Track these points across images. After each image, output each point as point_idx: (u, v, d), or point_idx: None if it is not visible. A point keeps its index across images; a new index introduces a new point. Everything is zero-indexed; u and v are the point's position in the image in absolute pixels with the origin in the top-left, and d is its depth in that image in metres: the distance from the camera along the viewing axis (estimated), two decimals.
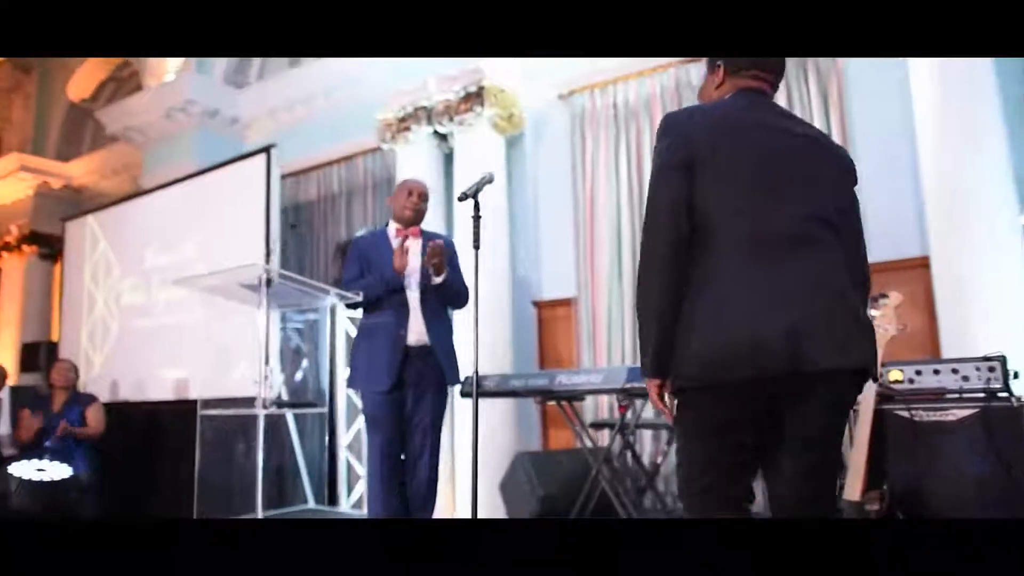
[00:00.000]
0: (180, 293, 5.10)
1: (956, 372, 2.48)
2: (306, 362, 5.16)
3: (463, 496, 4.38)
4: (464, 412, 4.17)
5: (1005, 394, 2.40)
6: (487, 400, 3.86)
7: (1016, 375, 2.43)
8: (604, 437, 3.91)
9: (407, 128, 4.92)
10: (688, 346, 1.40)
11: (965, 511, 2.29)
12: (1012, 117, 3.28)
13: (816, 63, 3.92)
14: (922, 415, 2.44)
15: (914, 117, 3.42)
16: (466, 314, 3.26)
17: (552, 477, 3.61)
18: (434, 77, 4.78)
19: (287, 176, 5.76)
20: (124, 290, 6.03)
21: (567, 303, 4.67)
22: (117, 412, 5.13)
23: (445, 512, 4.36)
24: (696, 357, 1.39)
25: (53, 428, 4.45)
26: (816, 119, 3.87)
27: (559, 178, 4.74)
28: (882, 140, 3.75)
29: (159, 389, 5.39)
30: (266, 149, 5.04)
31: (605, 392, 3.20)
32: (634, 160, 4.43)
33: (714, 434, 1.43)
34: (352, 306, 3.00)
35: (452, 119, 4.73)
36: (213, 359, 4.71)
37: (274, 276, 2.91)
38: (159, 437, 5.22)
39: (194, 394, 4.76)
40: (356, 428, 4.84)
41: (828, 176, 1.52)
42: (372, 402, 2.79)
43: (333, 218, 5.71)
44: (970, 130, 3.19)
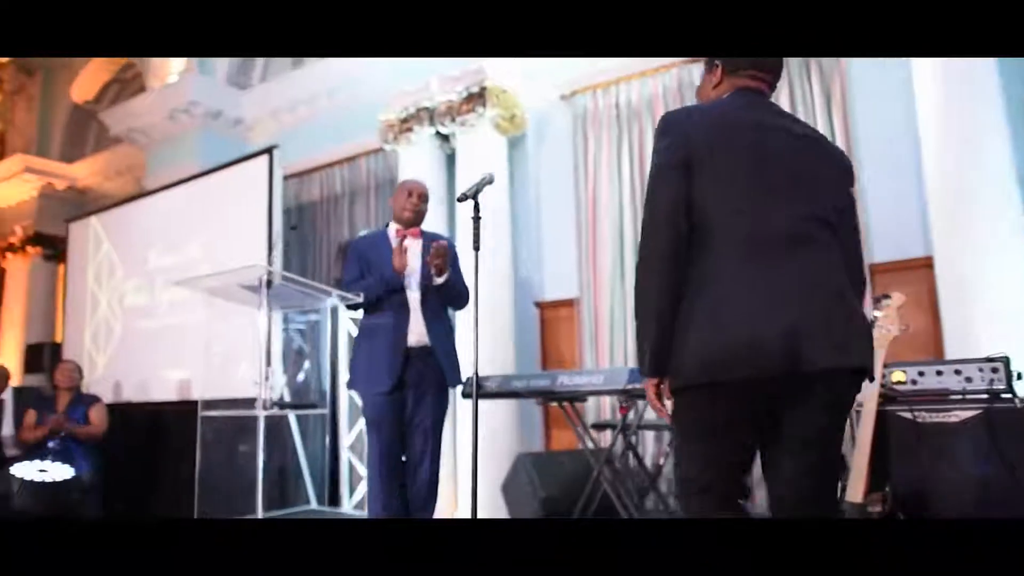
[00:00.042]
0: (183, 294, 5.11)
1: (959, 373, 2.47)
2: (308, 363, 5.16)
3: (465, 496, 4.38)
4: (466, 413, 4.17)
5: (1008, 395, 2.39)
6: (489, 401, 3.86)
7: (1020, 376, 2.41)
8: (606, 438, 3.90)
9: (409, 129, 4.93)
10: (687, 346, 1.40)
11: (968, 513, 2.27)
12: (1015, 117, 3.26)
13: (819, 63, 3.91)
14: (925, 416, 2.43)
15: (917, 117, 3.41)
16: (468, 315, 3.26)
17: (554, 478, 3.60)
18: (436, 78, 4.79)
19: (290, 177, 5.77)
20: (127, 291, 6.04)
21: (569, 304, 4.66)
22: (120, 413, 5.14)
23: (447, 512, 4.35)
24: (695, 357, 1.39)
25: (57, 428, 4.46)
26: (819, 119, 3.86)
27: (561, 179, 4.74)
28: (885, 140, 3.74)
29: (162, 390, 5.40)
30: (268, 150, 5.05)
31: (606, 393, 3.19)
32: (636, 160, 4.43)
33: (714, 434, 1.43)
34: (352, 307, 3.00)
35: (454, 120, 4.73)
36: (216, 360, 4.72)
37: (274, 277, 2.91)
38: (162, 438, 5.23)
39: (197, 395, 4.76)
40: (358, 429, 4.83)
41: (826, 176, 1.52)
42: (372, 403, 2.78)
43: (336, 219, 5.72)
44: (973, 130, 3.18)
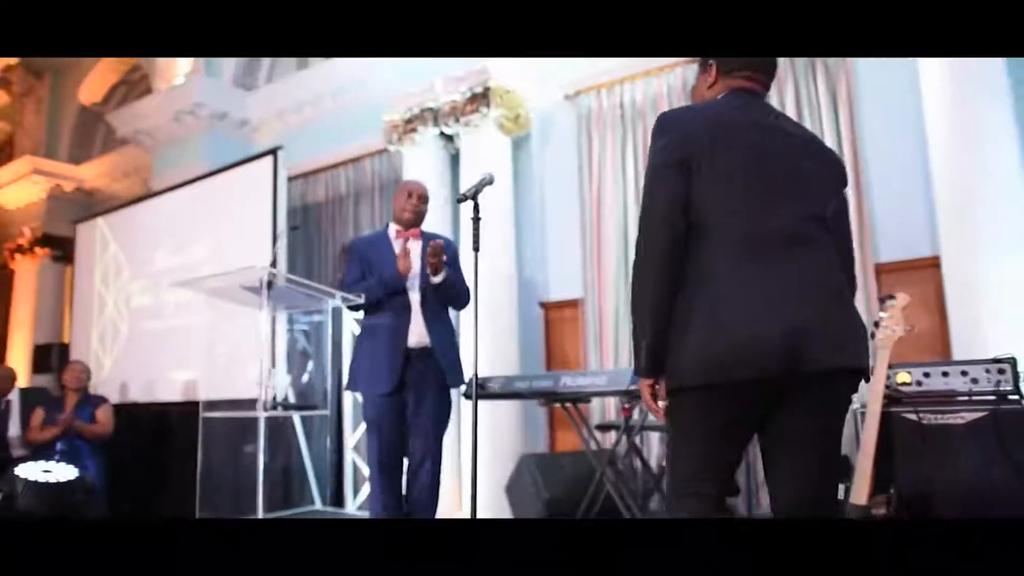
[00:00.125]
0: (189, 295, 5.11)
1: (965, 374, 2.44)
2: (311, 364, 5.17)
3: (469, 497, 4.37)
4: (469, 413, 4.16)
5: (1015, 396, 2.36)
6: (493, 402, 3.85)
7: None
8: (611, 439, 3.89)
9: (413, 129, 4.93)
10: (686, 346, 1.39)
11: (974, 516, 2.25)
12: (1023, 117, 3.24)
13: (825, 62, 3.88)
14: (930, 418, 2.40)
15: (924, 117, 3.38)
16: (470, 315, 3.26)
17: (557, 479, 3.60)
18: (440, 78, 4.79)
19: (295, 178, 5.78)
20: (134, 292, 6.07)
21: (574, 304, 4.65)
22: (126, 413, 5.16)
23: (451, 513, 4.35)
24: (696, 357, 1.38)
25: (66, 427, 4.48)
26: (825, 118, 3.84)
27: (565, 179, 4.72)
28: (892, 140, 3.71)
29: (168, 391, 5.42)
30: (273, 151, 5.07)
31: (609, 394, 3.18)
32: (641, 160, 4.41)
33: (713, 434, 1.43)
34: (354, 308, 3.00)
35: (458, 120, 4.73)
36: (220, 361, 4.73)
37: (275, 278, 2.91)
38: (167, 438, 5.25)
39: (202, 396, 4.78)
40: (362, 429, 4.82)
41: (822, 176, 1.53)
42: (373, 404, 2.78)
43: (340, 219, 5.72)
44: (981, 130, 3.15)
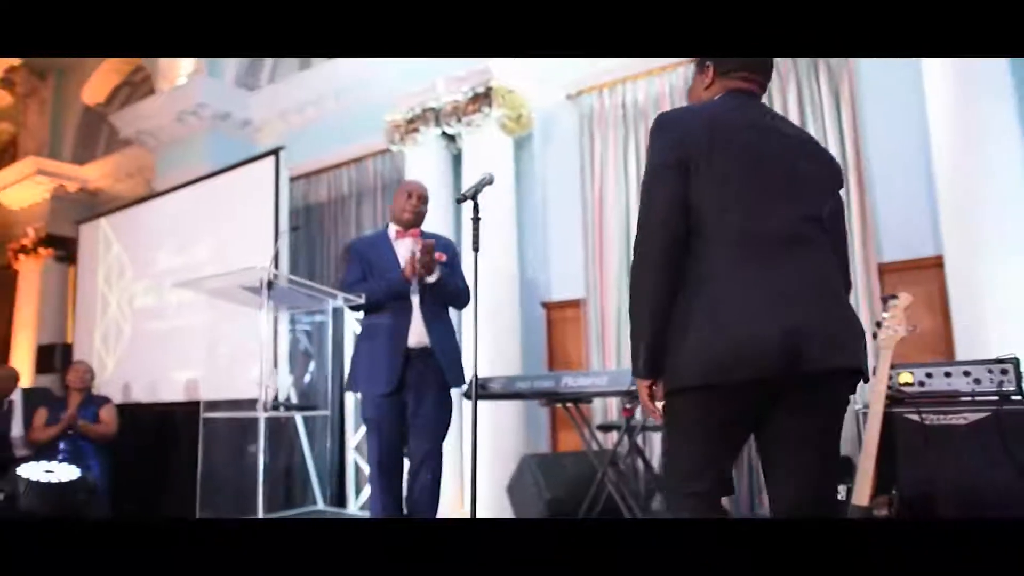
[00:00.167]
0: (191, 295, 5.12)
1: (968, 375, 2.43)
2: (313, 364, 5.17)
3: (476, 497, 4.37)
4: (471, 413, 4.16)
5: (1018, 397, 2.35)
6: (496, 402, 3.85)
7: None
8: (613, 439, 3.88)
9: (415, 129, 4.93)
10: (685, 346, 1.39)
11: (977, 516, 2.24)
12: None
13: (827, 62, 3.87)
14: (932, 418, 2.39)
15: (927, 116, 3.37)
16: (471, 315, 3.25)
17: (559, 479, 3.59)
18: (442, 78, 4.79)
19: (298, 178, 5.78)
20: (137, 292, 6.08)
21: (576, 304, 4.65)
22: (129, 414, 5.17)
23: (453, 513, 4.35)
24: (696, 358, 1.38)
25: (68, 429, 4.48)
26: (827, 118, 3.83)
27: (568, 179, 4.72)
28: (895, 140, 3.70)
29: (171, 391, 5.42)
30: (275, 152, 5.07)
31: (611, 395, 3.18)
32: (643, 160, 4.36)
33: (714, 434, 1.43)
34: (355, 308, 2.99)
35: (460, 120, 4.72)
36: (223, 361, 4.73)
37: (275, 279, 2.91)
38: (170, 438, 5.25)
39: (204, 396, 4.79)
40: (364, 430, 4.83)
41: (818, 177, 1.53)
42: (372, 405, 2.77)
43: (343, 219, 5.72)
44: (984, 129, 3.14)
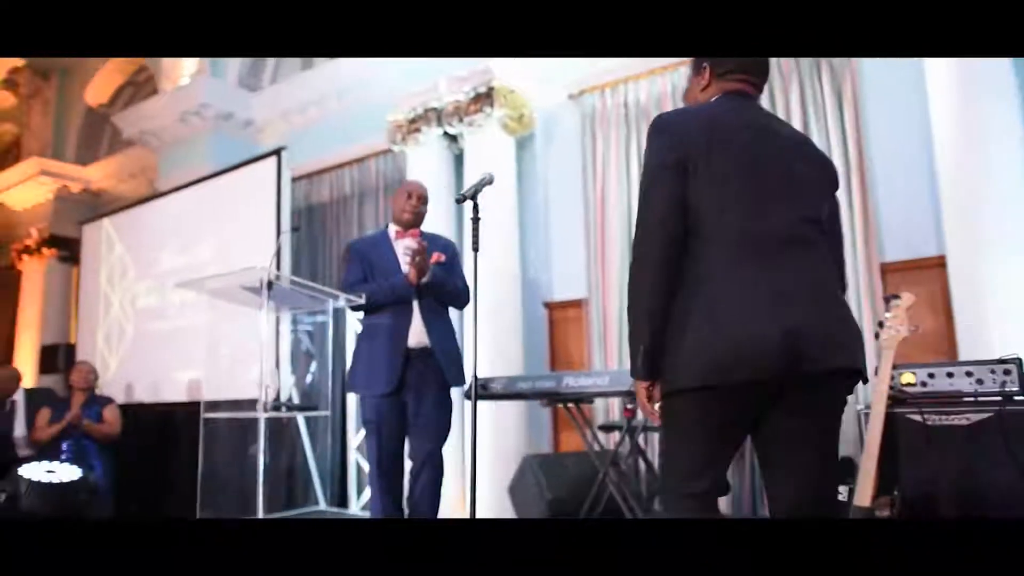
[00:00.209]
0: (194, 295, 5.11)
1: (970, 375, 2.41)
2: (315, 364, 5.17)
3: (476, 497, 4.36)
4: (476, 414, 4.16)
5: (1021, 397, 2.34)
6: (498, 402, 3.85)
7: None
8: (615, 439, 3.87)
9: (417, 129, 4.93)
10: (684, 347, 1.39)
11: (979, 517, 2.23)
12: None
13: (830, 62, 3.85)
14: (934, 419, 2.38)
15: (930, 116, 3.36)
16: (471, 315, 3.25)
17: (560, 480, 3.59)
18: (444, 78, 4.78)
19: (300, 178, 5.79)
20: (139, 292, 6.09)
21: (578, 304, 4.64)
22: (132, 414, 5.18)
23: (455, 513, 4.34)
24: (694, 358, 1.38)
25: (71, 429, 4.49)
26: (830, 118, 3.82)
27: (570, 178, 4.71)
28: (897, 139, 3.69)
29: (173, 391, 5.43)
30: (277, 152, 5.07)
31: (612, 395, 3.17)
32: None
33: (712, 435, 1.43)
34: (356, 308, 2.99)
35: (462, 120, 4.72)
36: (224, 361, 4.73)
37: (275, 279, 2.91)
38: (173, 439, 5.26)
39: (206, 396, 4.79)
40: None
41: (815, 179, 1.54)
42: (372, 405, 2.76)
43: (345, 219, 5.72)
44: (987, 129, 3.13)
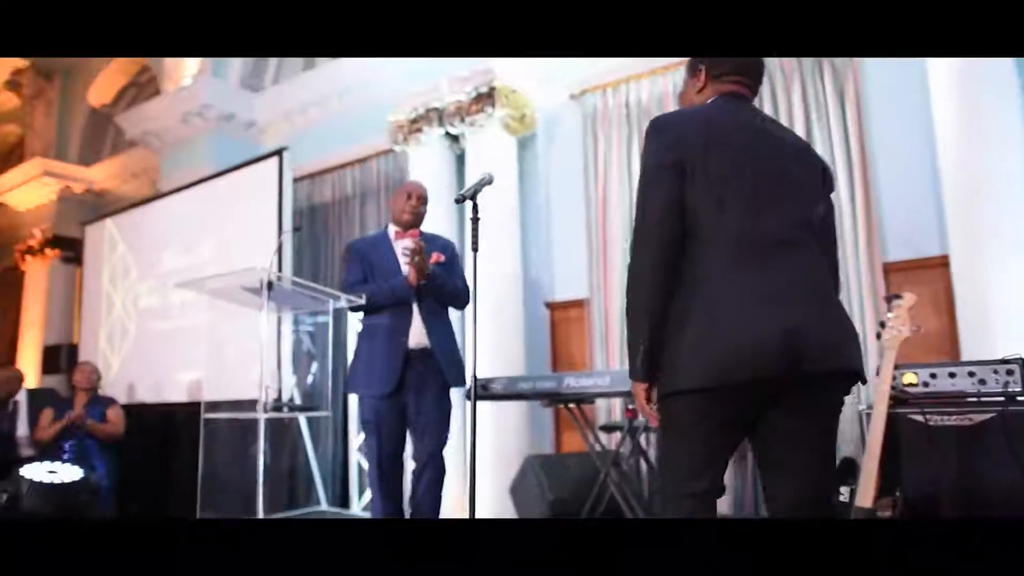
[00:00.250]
0: (195, 295, 5.12)
1: (973, 375, 2.40)
2: (316, 365, 5.17)
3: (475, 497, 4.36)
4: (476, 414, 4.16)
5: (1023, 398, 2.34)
6: (499, 403, 3.84)
7: None
8: (616, 440, 3.87)
9: (419, 129, 4.92)
10: (683, 348, 1.39)
11: (981, 517, 2.22)
12: None
13: (832, 62, 3.84)
14: (937, 419, 2.37)
15: (932, 116, 3.35)
16: (471, 316, 3.25)
17: (562, 480, 3.58)
18: (446, 78, 4.78)
19: (302, 179, 5.79)
20: (141, 293, 6.10)
21: (579, 304, 4.63)
22: (134, 414, 5.18)
23: (457, 513, 4.34)
24: (693, 359, 1.38)
25: (74, 429, 4.49)
26: (832, 117, 3.81)
27: (571, 178, 4.71)
28: (900, 138, 3.68)
29: (175, 391, 5.43)
30: (278, 152, 5.08)
31: (612, 395, 3.17)
32: None
33: (711, 435, 1.43)
34: (356, 309, 2.99)
35: (463, 120, 4.72)
36: (226, 362, 4.74)
37: (275, 280, 2.91)
38: (175, 439, 5.27)
39: (207, 396, 4.80)
40: None
41: (811, 181, 1.54)
42: (371, 406, 2.76)
43: (347, 220, 5.72)
44: (990, 129, 3.12)
